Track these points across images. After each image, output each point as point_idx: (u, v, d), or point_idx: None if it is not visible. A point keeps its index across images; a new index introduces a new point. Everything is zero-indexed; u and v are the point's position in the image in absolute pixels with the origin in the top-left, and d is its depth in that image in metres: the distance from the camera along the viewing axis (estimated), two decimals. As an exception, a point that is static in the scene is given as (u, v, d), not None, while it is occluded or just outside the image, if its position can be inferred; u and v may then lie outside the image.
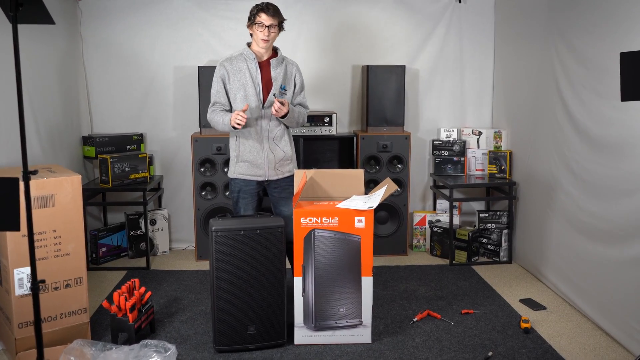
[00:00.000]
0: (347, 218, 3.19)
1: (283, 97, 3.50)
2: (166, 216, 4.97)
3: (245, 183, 3.62)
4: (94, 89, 4.86)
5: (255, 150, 3.56)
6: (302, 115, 3.66)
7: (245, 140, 3.56)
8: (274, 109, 3.40)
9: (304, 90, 3.74)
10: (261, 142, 3.56)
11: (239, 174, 3.61)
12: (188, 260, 4.79)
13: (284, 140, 3.62)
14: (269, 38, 3.46)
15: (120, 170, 4.50)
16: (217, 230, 3.09)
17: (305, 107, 3.74)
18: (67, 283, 3.12)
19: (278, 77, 3.57)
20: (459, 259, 4.69)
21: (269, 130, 3.56)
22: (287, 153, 3.64)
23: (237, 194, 3.65)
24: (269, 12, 3.44)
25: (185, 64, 4.85)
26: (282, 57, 3.63)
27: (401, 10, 4.93)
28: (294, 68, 3.66)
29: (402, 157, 4.76)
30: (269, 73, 3.56)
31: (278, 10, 3.50)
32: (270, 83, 3.55)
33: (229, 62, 3.58)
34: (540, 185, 4.25)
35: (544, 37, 4.15)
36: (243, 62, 3.55)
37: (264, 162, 3.57)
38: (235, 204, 3.68)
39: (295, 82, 3.66)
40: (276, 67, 3.57)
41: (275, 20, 3.46)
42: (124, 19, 4.79)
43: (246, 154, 3.57)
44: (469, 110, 5.10)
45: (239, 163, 3.60)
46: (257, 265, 3.15)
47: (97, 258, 4.67)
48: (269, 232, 3.16)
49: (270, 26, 3.44)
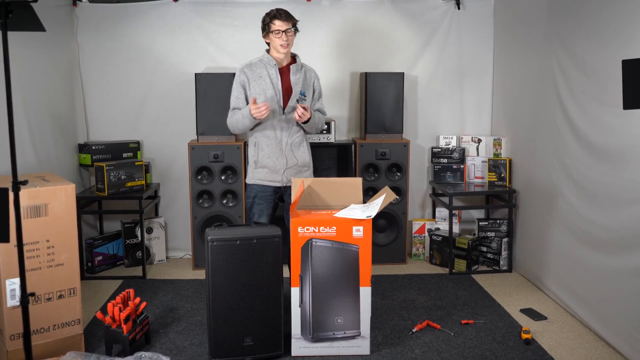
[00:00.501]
0: (345, 227, 3.14)
1: (303, 102, 3.57)
2: (163, 224, 4.92)
3: (262, 189, 3.65)
4: (90, 96, 4.82)
5: (275, 156, 3.60)
6: (321, 121, 3.72)
7: (265, 146, 3.60)
8: (297, 114, 3.45)
9: (322, 97, 3.79)
10: (280, 148, 3.60)
11: (257, 179, 3.65)
12: (184, 269, 4.73)
13: (302, 147, 3.67)
14: (288, 42, 3.51)
15: (117, 178, 4.45)
16: (213, 240, 3.04)
17: (323, 113, 3.79)
18: (60, 294, 3.07)
19: (298, 82, 3.61)
20: (458, 267, 4.64)
21: (289, 137, 3.60)
22: (306, 160, 3.68)
23: (252, 199, 3.68)
24: (282, 17, 3.49)
25: (183, 70, 4.82)
26: (301, 63, 3.68)
27: (400, 16, 4.89)
28: (312, 74, 3.72)
29: (401, 164, 4.71)
30: (288, 79, 3.61)
31: (289, 13, 3.55)
32: (290, 89, 3.60)
33: (249, 68, 3.62)
34: (540, 193, 4.20)
35: (544, 44, 4.12)
36: (263, 68, 3.59)
37: (282, 168, 3.61)
38: (250, 209, 3.70)
39: (314, 88, 3.72)
40: (295, 73, 3.62)
41: (289, 24, 3.51)
42: (121, 25, 4.76)
43: (265, 160, 3.60)
44: (468, 118, 5.06)
45: (258, 169, 3.64)
46: (254, 275, 3.10)
47: (92, 267, 4.62)
48: (266, 242, 3.11)
49: (287, 30, 3.49)
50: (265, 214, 3.66)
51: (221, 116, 4.52)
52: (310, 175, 3.74)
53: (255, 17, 4.76)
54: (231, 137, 4.60)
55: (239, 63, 4.78)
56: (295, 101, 3.57)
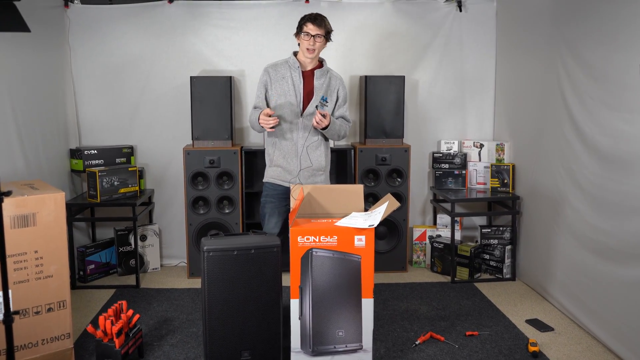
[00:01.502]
0: (346, 237, 3.02)
1: (324, 108, 3.55)
2: (157, 232, 4.79)
3: (274, 187, 3.64)
4: (82, 100, 4.69)
5: (289, 156, 3.58)
6: (343, 128, 3.67)
7: (281, 147, 3.59)
8: (315, 120, 3.43)
9: (347, 103, 3.75)
10: (295, 150, 3.58)
11: (270, 177, 3.66)
12: (179, 278, 4.60)
13: (319, 150, 3.62)
14: (315, 47, 3.48)
15: (109, 184, 4.32)
16: (209, 250, 2.91)
17: (347, 121, 3.74)
18: (49, 307, 2.94)
19: (320, 88, 3.60)
20: (460, 275, 4.52)
21: (305, 139, 3.57)
22: (320, 164, 3.63)
23: (265, 197, 3.69)
24: (315, 21, 3.47)
25: (178, 74, 4.69)
26: (327, 68, 3.65)
27: (400, 18, 4.79)
28: (337, 81, 3.68)
29: (402, 170, 4.60)
30: (311, 83, 3.58)
31: (325, 21, 3.52)
32: (312, 93, 3.58)
33: (273, 68, 3.63)
34: (545, 200, 4.10)
35: (549, 47, 4.02)
36: (287, 70, 3.58)
37: (295, 169, 3.59)
38: (263, 207, 3.70)
39: (338, 95, 3.68)
40: (319, 78, 3.59)
41: (321, 30, 3.47)
42: (114, 27, 4.64)
43: (279, 160, 3.60)
44: (469, 122, 4.96)
45: (272, 167, 3.64)
46: (252, 286, 2.98)
47: (84, 276, 4.48)
48: (264, 252, 2.99)
49: (316, 36, 3.46)
50: (276, 213, 3.63)
51: (217, 120, 4.44)
52: (325, 179, 3.69)
53: (252, 19, 4.69)
54: (227, 142, 4.48)
55: (236, 66, 4.73)
56: (314, 106, 3.54)
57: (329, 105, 3.61)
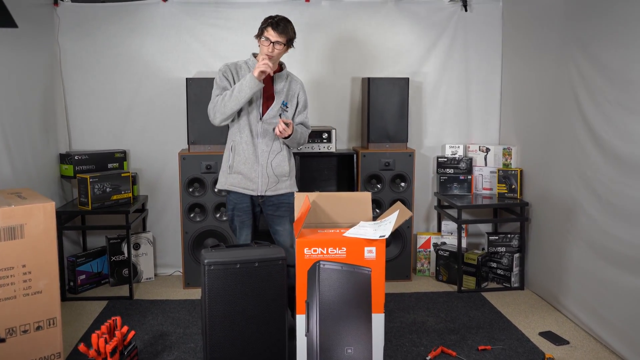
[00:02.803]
0: (356, 248, 2.85)
1: (284, 114, 3.36)
2: (151, 240, 4.59)
3: (239, 199, 3.42)
4: (72, 102, 4.49)
5: (250, 162, 3.36)
6: (303, 136, 3.47)
7: (241, 152, 3.37)
8: (278, 129, 3.23)
9: (307, 110, 3.54)
10: (256, 156, 3.36)
11: (230, 184, 3.42)
12: (175, 288, 4.41)
13: (281, 155, 3.41)
14: (273, 54, 3.26)
15: (101, 191, 4.12)
16: (210, 264, 2.74)
17: (307, 127, 3.54)
18: (39, 325, 2.74)
19: (281, 92, 3.40)
20: (467, 284, 4.36)
21: (266, 145, 3.37)
22: (284, 169, 3.42)
23: (232, 211, 3.47)
24: (277, 28, 3.23)
25: (172, 75, 4.50)
26: (286, 72, 3.45)
27: (404, 18, 4.63)
28: (297, 85, 3.48)
29: (406, 175, 4.44)
30: (271, 87, 3.38)
31: (288, 27, 3.27)
32: (271, 97, 3.38)
33: (233, 67, 3.43)
34: (556, 206, 3.95)
35: (559, 48, 3.87)
36: (247, 72, 3.37)
37: (258, 176, 3.37)
38: (231, 221, 3.49)
39: (298, 100, 3.48)
40: (279, 82, 3.40)
41: (282, 38, 3.25)
42: (106, 26, 4.44)
43: (240, 166, 3.37)
44: (475, 126, 4.80)
45: (232, 174, 3.40)
46: (255, 301, 2.80)
47: (75, 287, 4.28)
48: (269, 264, 2.81)
49: (276, 43, 3.24)
50: (246, 226, 3.45)
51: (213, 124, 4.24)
52: (290, 185, 3.47)
53: (249, 19, 4.50)
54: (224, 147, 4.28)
55: (233, 67, 4.53)
56: (275, 111, 3.36)
57: (288, 111, 3.43)
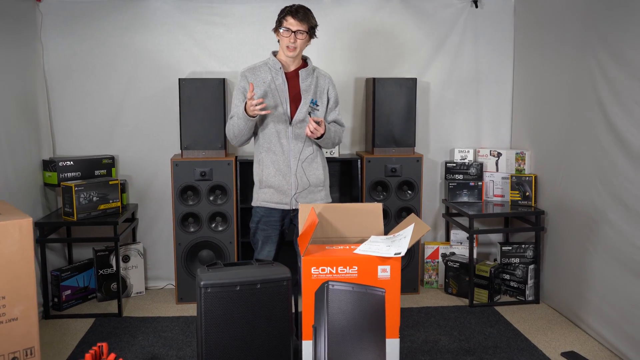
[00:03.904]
0: (368, 267, 2.57)
1: (315, 113, 3.09)
2: (141, 251, 4.30)
3: (267, 212, 3.16)
4: (56, 105, 4.18)
5: (281, 174, 3.10)
6: (338, 135, 3.22)
7: (270, 163, 3.11)
8: (308, 129, 2.97)
9: (339, 105, 3.28)
10: (288, 165, 3.10)
11: (262, 201, 3.16)
12: (167, 303, 4.12)
13: (315, 162, 3.16)
14: (296, 45, 3.01)
15: (87, 200, 3.83)
16: (206, 286, 2.45)
17: (340, 125, 3.29)
18: (14, 356, 2.45)
19: (308, 90, 3.12)
20: (479, 298, 4.10)
21: (298, 151, 3.10)
22: (319, 178, 3.17)
23: (255, 224, 3.20)
24: (297, 15, 2.98)
25: (164, 75, 4.22)
26: (312, 67, 3.17)
27: (410, 15, 4.36)
28: (326, 80, 3.22)
29: (413, 182, 4.17)
30: (297, 85, 3.11)
31: (309, 14, 3.03)
32: (298, 97, 3.11)
33: (251, 72, 3.14)
34: (575, 215, 3.69)
35: (578, 45, 3.62)
36: (267, 73, 3.11)
37: (290, 188, 3.11)
38: (253, 235, 3.23)
39: (329, 96, 3.21)
40: (306, 78, 3.13)
41: (303, 26, 3.00)
42: (92, 23, 4.14)
43: (270, 179, 3.11)
44: (485, 129, 4.54)
45: (263, 189, 3.15)
46: (257, 327, 2.52)
47: (59, 303, 3.98)
48: (273, 286, 2.53)
49: (297, 32, 2.98)
50: (270, 241, 3.18)
51: (209, 127, 3.98)
52: (325, 196, 3.24)
53: (247, 15, 4.24)
54: (220, 152, 4.02)
55: (229, 67, 4.26)
56: (304, 112, 3.09)
57: (319, 109, 3.16)
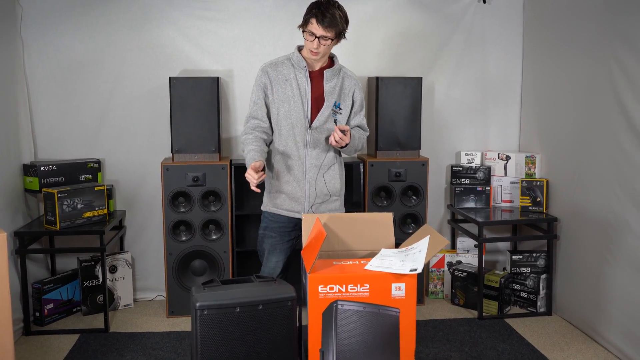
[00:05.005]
0: (381, 285, 2.34)
1: (336, 116, 2.85)
2: (129, 261, 4.04)
3: (275, 218, 2.92)
4: (37, 105, 3.90)
5: (296, 180, 2.87)
6: (361, 141, 2.99)
7: (285, 168, 2.87)
8: (333, 139, 2.72)
9: (364, 109, 3.03)
10: (303, 171, 2.86)
11: (272, 206, 2.93)
12: (157, 317, 3.86)
13: (333, 170, 2.93)
14: (319, 51, 2.77)
15: (71, 207, 3.56)
16: (203, 308, 2.21)
17: (364, 130, 3.04)
18: (-14, 387, 2.19)
19: (332, 92, 2.87)
20: (488, 309, 3.88)
21: (316, 158, 2.86)
22: (336, 186, 2.95)
23: (263, 231, 2.97)
24: (322, 21, 2.70)
25: (154, 74, 3.95)
26: (339, 67, 2.92)
27: (414, 11, 4.13)
28: (352, 82, 2.96)
29: (419, 187, 3.94)
30: (321, 86, 2.87)
31: (336, 18, 2.73)
32: (321, 99, 2.86)
33: (272, 67, 2.89)
34: (593, 223, 3.48)
35: (595, 43, 3.41)
36: (290, 70, 2.86)
37: (304, 195, 2.87)
38: (260, 243, 3.00)
39: (354, 99, 2.97)
40: (330, 79, 2.88)
41: (329, 32, 2.73)
42: (76, 18, 3.87)
43: (283, 185, 2.88)
44: (492, 131, 4.32)
45: (274, 194, 2.92)
46: (259, 352, 2.28)
47: (41, 317, 3.71)
48: (276, 307, 2.29)
49: (322, 38, 2.73)
50: (278, 251, 2.94)
51: (201, 129, 3.74)
52: (339, 206, 3.01)
53: (242, 10, 4.00)
54: (214, 156, 3.77)
55: (223, 65, 4.01)
56: (326, 116, 2.86)
57: (342, 113, 2.92)
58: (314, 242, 2.42)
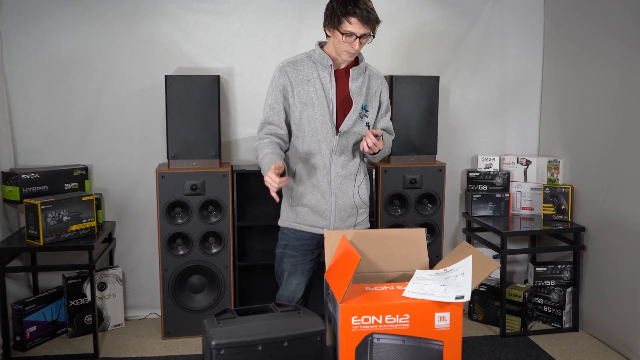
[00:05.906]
0: (422, 314, 2.05)
1: (363, 120, 2.56)
2: (120, 277, 3.70)
3: (297, 235, 2.60)
4: (18, 107, 3.56)
5: (320, 192, 2.56)
6: (389, 146, 2.77)
7: (307, 178, 2.55)
8: (366, 144, 2.43)
9: (390, 111, 2.75)
10: (329, 181, 2.55)
11: (293, 222, 2.61)
12: (151, 339, 3.53)
13: (358, 178, 2.63)
14: (356, 50, 2.46)
15: (56, 220, 3.22)
16: (219, 347, 1.89)
17: (390, 134, 2.77)
18: None
19: (359, 93, 2.57)
20: (510, 326, 3.62)
21: (342, 166, 2.56)
22: (363, 198, 2.66)
23: (282, 249, 2.65)
24: (362, 17, 2.38)
25: (147, 72, 3.64)
26: (364, 65, 2.61)
27: (429, 7, 3.86)
28: (379, 81, 2.67)
29: (435, 194, 3.66)
30: (346, 87, 2.56)
31: (375, 12, 2.42)
32: (347, 100, 2.56)
33: (292, 67, 2.56)
34: (625, 233, 3.24)
35: (630, 39, 3.17)
36: (312, 69, 2.55)
37: (330, 208, 2.56)
38: (279, 264, 2.70)
39: (381, 100, 2.67)
40: (356, 78, 2.58)
41: (367, 28, 2.41)
42: (60, 11, 3.54)
43: (307, 197, 2.57)
44: (510, 134, 4.06)
45: (296, 207, 2.59)
46: (284, 395, 1.97)
47: (23, 342, 3.36)
48: (304, 342, 1.99)
49: (363, 37, 2.42)
50: (300, 272, 2.63)
51: (200, 133, 3.43)
52: (366, 220, 2.72)
53: (244, 2, 3.71)
54: (214, 162, 3.46)
55: (223, 63, 3.70)
56: (354, 119, 2.56)
57: (369, 116, 2.62)
58: (342, 265, 2.12)
